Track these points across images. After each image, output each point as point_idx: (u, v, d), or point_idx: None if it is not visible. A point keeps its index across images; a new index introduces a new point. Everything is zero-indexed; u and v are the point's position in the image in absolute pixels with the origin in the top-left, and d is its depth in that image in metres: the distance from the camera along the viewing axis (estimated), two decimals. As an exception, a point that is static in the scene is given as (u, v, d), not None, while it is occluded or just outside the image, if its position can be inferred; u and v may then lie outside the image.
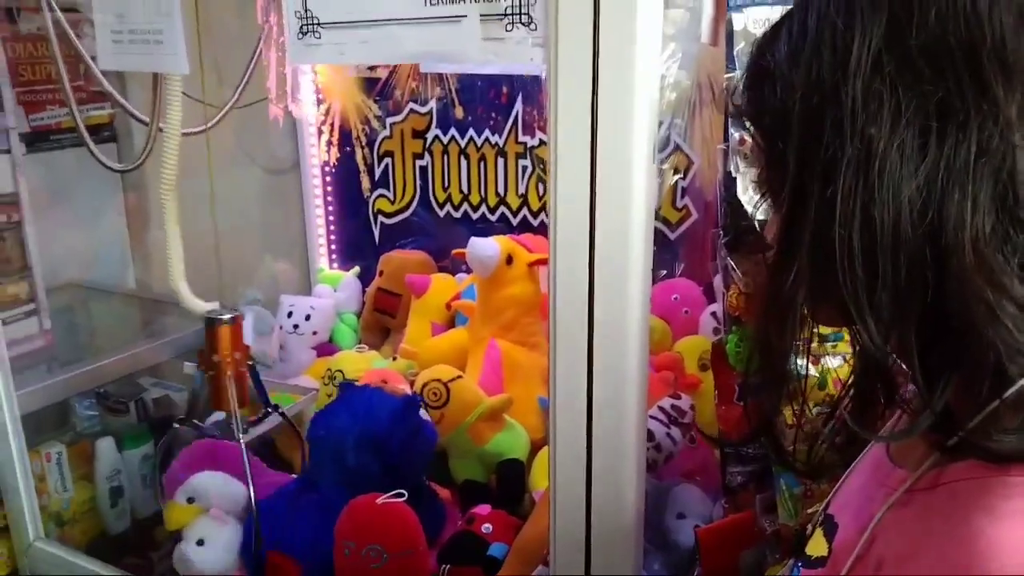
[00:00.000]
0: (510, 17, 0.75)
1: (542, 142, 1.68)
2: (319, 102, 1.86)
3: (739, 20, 0.90)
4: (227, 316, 1.17)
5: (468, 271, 1.66)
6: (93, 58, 1.38)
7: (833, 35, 0.47)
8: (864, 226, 0.45)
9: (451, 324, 1.71)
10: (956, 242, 0.43)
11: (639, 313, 0.75)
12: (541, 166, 1.68)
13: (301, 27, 0.84)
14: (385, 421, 1.22)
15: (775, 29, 0.53)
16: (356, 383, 1.39)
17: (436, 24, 0.78)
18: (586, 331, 0.76)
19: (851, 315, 0.47)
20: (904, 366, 0.48)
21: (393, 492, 1.07)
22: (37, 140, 1.82)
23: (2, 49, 1.70)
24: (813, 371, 0.86)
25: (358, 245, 1.99)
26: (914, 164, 0.44)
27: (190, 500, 1.23)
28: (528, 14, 0.74)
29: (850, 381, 0.59)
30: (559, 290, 0.77)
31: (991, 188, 0.43)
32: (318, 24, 0.84)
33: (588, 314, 0.76)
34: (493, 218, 1.79)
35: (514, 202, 1.76)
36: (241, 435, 1.14)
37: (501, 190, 1.77)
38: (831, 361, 0.89)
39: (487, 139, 1.76)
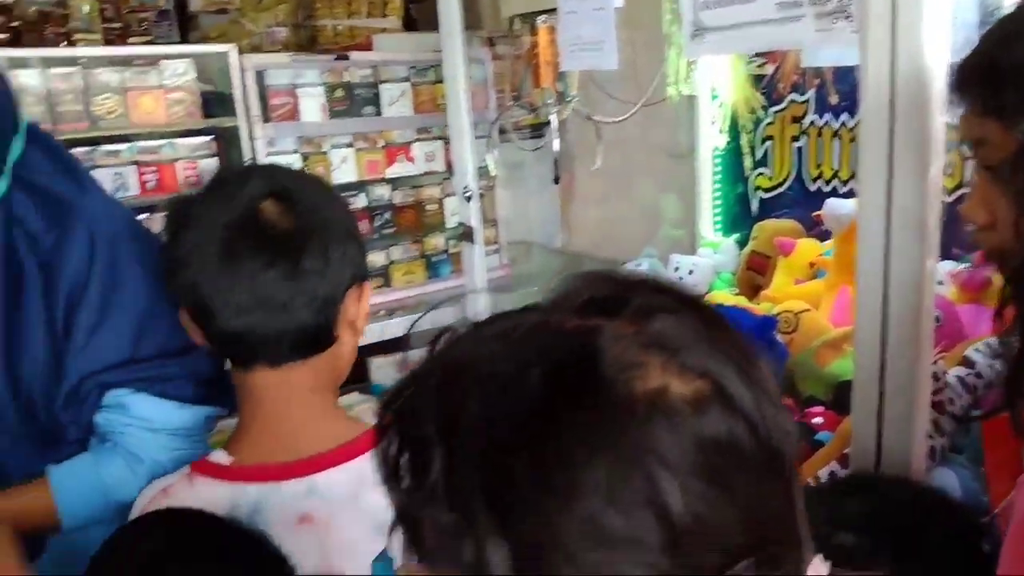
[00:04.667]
0: (835, 14, 1.08)
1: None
2: (713, 97, 2.26)
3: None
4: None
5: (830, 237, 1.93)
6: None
7: None
8: None
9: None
10: None
11: (926, 263, 1.00)
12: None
13: (693, 32, 1.26)
14: (746, 330, 1.59)
15: None
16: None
17: (783, 23, 1.14)
18: (882, 279, 1.05)
19: None
20: None
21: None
22: (502, 132, 2.49)
23: (491, 66, 2.38)
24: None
25: (737, 216, 2.36)
26: None
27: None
28: (847, 11, 1.07)
29: None
30: (864, 243, 1.06)
31: None
32: (704, 29, 1.25)
33: (884, 265, 1.04)
34: (859, 191, 2.03)
35: (879, 176, 1.98)
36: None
37: (868, 166, 2.00)
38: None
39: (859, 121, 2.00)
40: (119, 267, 1.01)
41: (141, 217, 2.14)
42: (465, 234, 2.00)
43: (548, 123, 2.58)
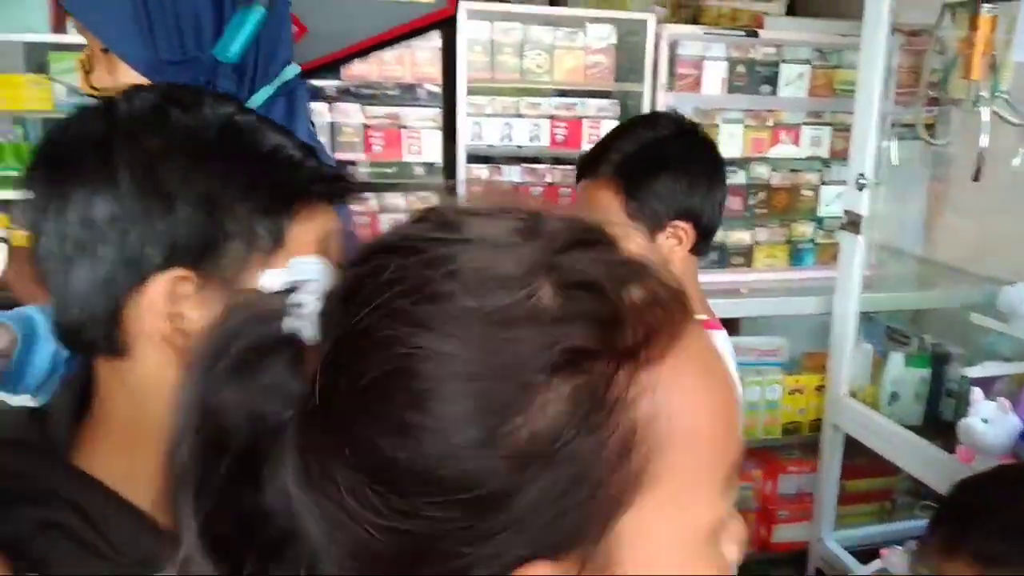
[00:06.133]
0: None
1: None
2: None
3: None
4: None
5: None
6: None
7: None
8: None
9: None
10: None
11: None
12: None
13: None
14: None
15: None
16: None
17: None
18: None
19: None
20: None
21: None
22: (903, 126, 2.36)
23: (897, 56, 2.28)
24: None
25: None
26: None
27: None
28: None
29: None
30: None
31: None
32: None
33: None
34: None
35: None
36: None
37: None
38: None
39: None
40: None
41: (543, 167, 2.36)
42: (850, 223, 1.97)
43: (933, 124, 2.44)
